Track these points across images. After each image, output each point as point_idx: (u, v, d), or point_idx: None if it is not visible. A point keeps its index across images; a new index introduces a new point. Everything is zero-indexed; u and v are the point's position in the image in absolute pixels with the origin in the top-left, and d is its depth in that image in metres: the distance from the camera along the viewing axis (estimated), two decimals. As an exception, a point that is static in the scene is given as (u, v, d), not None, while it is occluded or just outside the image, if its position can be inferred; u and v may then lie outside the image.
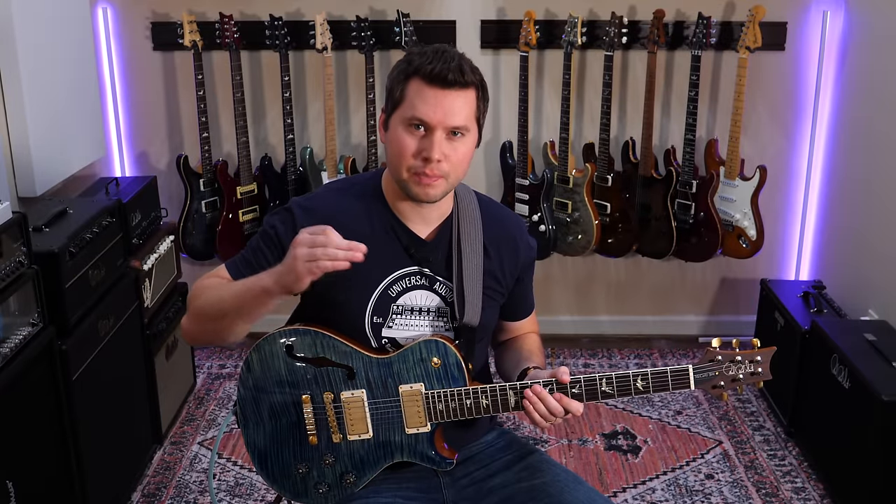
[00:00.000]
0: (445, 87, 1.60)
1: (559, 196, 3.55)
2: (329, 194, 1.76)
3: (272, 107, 3.61)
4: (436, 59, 1.60)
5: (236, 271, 1.71)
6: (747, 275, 3.83)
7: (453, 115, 1.61)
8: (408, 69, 1.63)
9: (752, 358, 1.68)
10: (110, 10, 3.50)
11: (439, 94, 1.60)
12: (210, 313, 1.66)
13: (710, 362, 1.68)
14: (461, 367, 1.70)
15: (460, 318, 1.72)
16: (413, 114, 1.61)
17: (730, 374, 1.67)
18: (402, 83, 1.63)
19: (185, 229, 3.50)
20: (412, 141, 1.62)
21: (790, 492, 2.83)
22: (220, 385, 3.49)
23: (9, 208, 2.11)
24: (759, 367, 1.68)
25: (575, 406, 1.64)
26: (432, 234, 1.75)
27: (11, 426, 2.06)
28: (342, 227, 1.62)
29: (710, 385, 1.68)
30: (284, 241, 1.66)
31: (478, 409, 1.68)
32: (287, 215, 1.71)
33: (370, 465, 1.74)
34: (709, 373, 1.67)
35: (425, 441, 1.72)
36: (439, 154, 1.61)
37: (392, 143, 1.65)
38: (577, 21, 3.34)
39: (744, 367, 1.68)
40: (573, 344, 3.87)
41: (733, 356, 1.68)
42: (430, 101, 1.60)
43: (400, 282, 1.73)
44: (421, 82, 1.61)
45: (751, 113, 3.59)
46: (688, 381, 1.66)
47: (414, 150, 1.62)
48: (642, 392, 1.66)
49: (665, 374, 1.66)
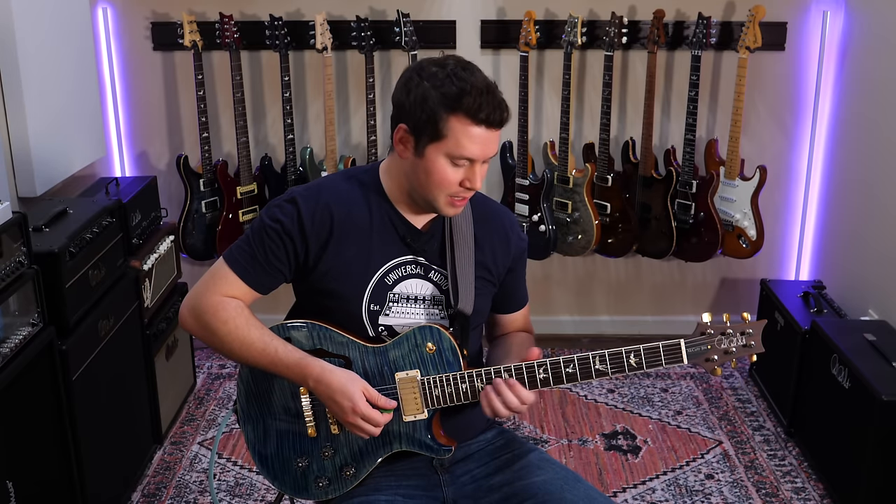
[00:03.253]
0: (493, 129, 1.64)
1: (559, 196, 3.56)
2: (329, 184, 1.77)
3: (272, 107, 3.61)
4: (484, 102, 1.61)
5: (244, 272, 1.71)
6: (747, 275, 3.83)
7: (494, 148, 1.67)
8: (454, 105, 1.61)
9: (743, 330, 1.68)
10: (110, 10, 3.50)
11: (486, 134, 1.63)
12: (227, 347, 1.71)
13: (701, 335, 1.68)
14: (456, 352, 1.72)
15: (455, 304, 1.75)
16: (462, 153, 1.63)
17: (722, 347, 1.68)
18: (445, 118, 1.61)
19: (185, 229, 3.50)
20: (456, 174, 1.66)
21: (790, 492, 2.83)
22: (220, 385, 3.49)
23: (9, 208, 2.11)
24: (752, 340, 1.68)
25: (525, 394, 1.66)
26: (427, 224, 1.78)
27: (11, 426, 2.06)
28: (342, 214, 1.71)
29: (703, 358, 1.68)
30: (293, 234, 1.69)
31: (473, 393, 1.70)
32: (291, 207, 1.71)
33: (369, 455, 1.75)
34: (701, 346, 1.68)
35: (423, 428, 1.73)
36: (481, 181, 1.68)
37: (431, 172, 1.66)
38: (577, 21, 3.34)
39: (735, 339, 1.68)
40: (573, 344, 3.87)
41: (724, 328, 1.68)
42: (478, 142, 1.63)
43: (396, 270, 1.75)
44: (469, 122, 1.61)
45: (751, 113, 3.59)
46: (680, 355, 1.67)
47: (458, 181, 1.66)
48: (635, 368, 1.67)
49: (657, 349, 1.67)
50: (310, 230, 1.70)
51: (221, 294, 1.71)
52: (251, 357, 1.70)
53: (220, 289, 1.71)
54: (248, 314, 1.72)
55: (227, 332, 1.69)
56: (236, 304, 1.71)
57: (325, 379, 1.66)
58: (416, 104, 1.63)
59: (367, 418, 1.65)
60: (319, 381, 1.66)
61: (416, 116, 1.64)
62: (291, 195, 1.73)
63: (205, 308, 1.71)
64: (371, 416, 1.65)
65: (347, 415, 1.65)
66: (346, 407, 1.65)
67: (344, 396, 1.64)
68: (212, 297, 1.71)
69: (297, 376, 1.69)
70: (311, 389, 1.69)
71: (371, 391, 1.67)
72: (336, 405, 1.66)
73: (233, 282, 1.71)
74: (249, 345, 1.69)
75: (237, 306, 1.71)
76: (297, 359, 1.68)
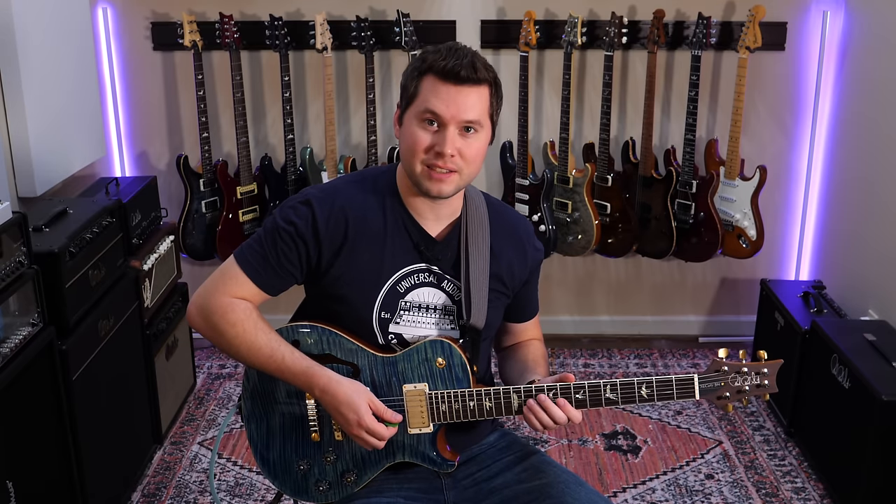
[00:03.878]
0: (458, 83, 1.61)
1: (559, 196, 3.56)
2: (345, 187, 1.75)
3: (272, 107, 3.61)
4: (449, 56, 1.62)
5: (254, 273, 1.70)
6: (747, 275, 3.83)
7: (466, 110, 1.62)
8: (422, 66, 1.64)
9: (758, 370, 1.67)
10: (110, 10, 3.50)
11: (452, 89, 1.61)
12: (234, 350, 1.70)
13: (715, 372, 1.67)
14: (466, 368, 1.70)
15: (467, 318, 1.73)
16: (426, 107, 1.62)
17: (735, 385, 1.66)
18: (416, 79, 1.64)
19: (185, 229, 3.49)
20: (426, 136, 1.63)
21: (790, 492, 2.83)
22: (220, 385, 3.49)
23: (9, 208, 2.11)
24: (766, 380, 1.67)
25: (575, 414, 1.65)
26: (443, 233, 1.76)
27: (11, 426, 2.06)
28: (357, 219, 1.69)
29: (715, 395, 1.67)
30: (306, 238, 1.68)
31: (480, 412, 1.69)
32: (306, 210, 1.69)
33: (371, 464, 1.74)
34: (714, 383, 1.66)
35: (427, 442, 1.72)
36: (452, 149, 1.62)
37: (406, 137, 1.66)
38: (577, 21, 3.34)
39: (750, 378, 1.66)
40: (573, 344, 3.87)
41: (740, 367, 1.66)
42: (443, 97, 1.61)
43: (409, 278, 1.74)
44: (434, 78, 1.62)
45: (751, 113, 3.59)
46: (693, 391, 1.66)
47: (427, 145, 1.63)
48: (647, 399, 1.65)
49: (670, 383, 1.65)
50: (324, 234, 1.68)
51: (231, 295, 1.70)
52: (258, 361, 1.69)
53: (230, 289, 1.70)
54: (257, 317, 1.70)
55: (235, 335, 1.68)
56: (245, 306, 1.70)
57: (331, 389, 1.65)
58: (403, 81, 1.69)
59: (372, 432, 1.64)
60: (325, 391, 1.65)
61: (402, 91, 1.69)
62: (306, 197, 1.71)
63: (213, 309, 1.69)
64: (376, 430, 1.64)
65: (352, 427, 1.65)
66: (351, 419, 1.64)
67: (349, 409, 1.63)
68: (221, 297, 1.70)
69: (304, 385, 1.68)
70: (316, 398, 1.68)
71: (377, 403, 1.66)
72: (341, 417, 1.65)
73: (243, 283, 1.70)
74: (257, 349, 1.68)
75: (246, 308, 1.70)
76: (305, 367, 1.67)
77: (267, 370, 1.70)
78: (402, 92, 1.69)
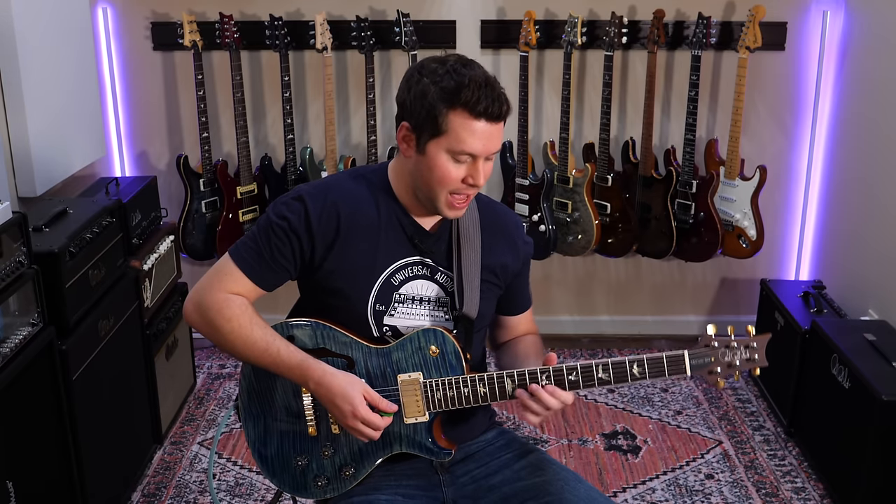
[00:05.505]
0: (492, 122, 1.63)
1: (559, 196, 3.56)
2: (338, 183, 1.77)
3: (272, 107, 3.61)
4: (483, 95, 1.60)
5: (249, 268, 1.71)
6: (747, 275, 3.83)
7: (496, 143, 1.66)
8: (452, 99, 1.61)
9: (747, 343, 1.69)
10: (110, 10, 3.50)
11: (486, 128, 1.63)
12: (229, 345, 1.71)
13: (705, 347, 1.69)
14: (459, 355, 1.72)
15: (460, 308, 1.75)
16: (462, 148, 1.62)
17: (726, 360, 1.68)
18: (445, 112, 1.61)
19: (185, 229, 3.50)
20: (458, 170, 1.65)
21: (790, 492, 2.83)
22: (220, 385, 3.49)
23: (9, 208, 2.11)
24: (755, 354, 1.69)
25: (566, 396, 1.66)
26: (435, 226, 1.78)
27: (11, 426, 2.06)
28: (349, 214, 1.70)
29: (707, 371, 1.69)
30: (299, 232, 1.69)
31: (475, 398, 1.70)
32: (298, 205, 1.70)
33: (369, 456, 1.75)
34: (705, 358, 1.68)
35: (424, 431, 1.73)
36: (485, 179, 1.67)
37: (433, 169, 1.65)
38: (577, 21, 3.34)
39: (739, 352, 1.69)
40: (573, 344, 3.87)
41: (729, 342, 1.69)
42: (479, 136, 1.62)
43: (403, 270, 1.75)
44: (468, 116, 1.61)
45: (751, 113, 3.59)
46: (684, 367, 1.67)
47: (460, 178, 1.65)
48: (638, 378, 1.66)
49: (661, 360, 1.67)
50: (317, 229, 1.69)
51: (226, 291, 1.71)
52: (253, 356, 1.70)
53: (225, 285, 1.71)
54: (252, 313, 1.71)
55: (231, 331, 1.69)
56: (241, 301, 1.71)
57: (325, 382, 1.66)
58: (417, 101, 1.64)
59: (368, 422, 1.65)
60: (320, 383, 1.66)
61: (416, 113, 1.64)
62: (299, 193, 1.72)
63: (209, 305, 1.71)
64: (371, 420, 1.65)
65: (347, 418, 1.65)
66: (346, 411, 1.65)
67: (344, 400, 1.64)
68: (217, 293, 1.71)
69: (299, 378, 1.69)
70: (311, 392, 1.69)
71: (372, 394, 1.67)
72: (336, 409, 1.66)
73: (238, 278, 1.71)
74: (252, 344, 1.69)
75: (241, 304, 1.71)
76: (299, 361, 1.68)
77: (262, 365, 1.71)
78: (427, 118, 1.63)
